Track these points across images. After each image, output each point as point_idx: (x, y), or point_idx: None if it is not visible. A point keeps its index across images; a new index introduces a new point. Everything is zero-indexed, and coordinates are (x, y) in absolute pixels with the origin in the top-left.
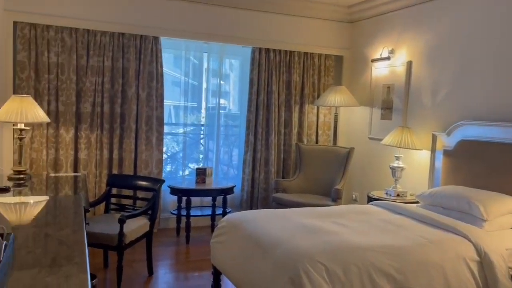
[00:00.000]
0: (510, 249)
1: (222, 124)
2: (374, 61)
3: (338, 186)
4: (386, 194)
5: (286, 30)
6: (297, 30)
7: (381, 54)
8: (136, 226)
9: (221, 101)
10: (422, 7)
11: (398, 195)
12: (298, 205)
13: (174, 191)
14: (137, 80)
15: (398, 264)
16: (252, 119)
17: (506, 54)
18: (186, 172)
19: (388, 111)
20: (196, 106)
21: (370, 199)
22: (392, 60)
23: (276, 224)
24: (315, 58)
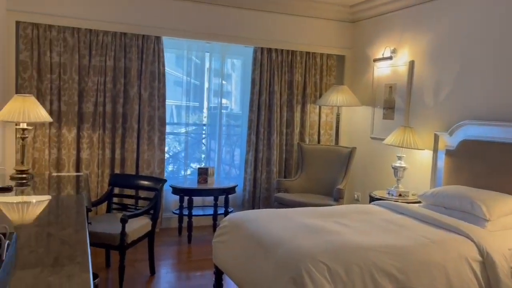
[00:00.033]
0: None
1: (224, 124)
2: (376, 60)
3: (340, 186)
4: (388, 194)
5: (288, 30)
6: (299, 30)
7: (383, 54)
8: (138, 226)
9: (223, 101)
10: (424, 7)
11: (400, 195)
12: (300, 205)
13: (176, 191)
14: (139, 80)
15: (400, 264)
16: (254, 119)
17: (508, 53)
18: (188, 171)
19: (390, 111)
20: (198, 106)
21: (372, 199)
22: (394, 59)
23: (278, 223)
24: (317, 58)
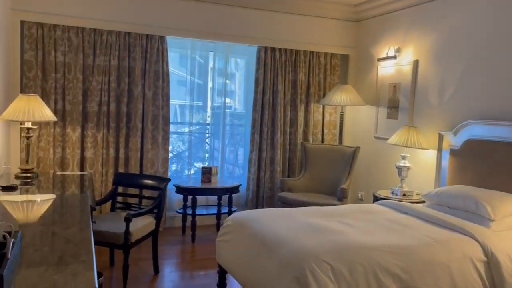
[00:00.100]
0: None
1: (227, 123)
2: (380, 60)
3: (344, 186)
4: (392, 193)
5: (292, 29)
6: (303, 29)
7: (387, 53)
8: (142, 225)
9: (226, 100)
10: (429, 6)
11: (404, 195)
12: (304, 204)
13: (179, 190)
14: (143, 79)
15: (404, 263)
16: (257, 118)
17: None
18: (192, 171)
19: (394, 110)
20: (201, 105)
21: (376, 199)
22: (398, 59)
23: (281, 223)
24: (321, 57)
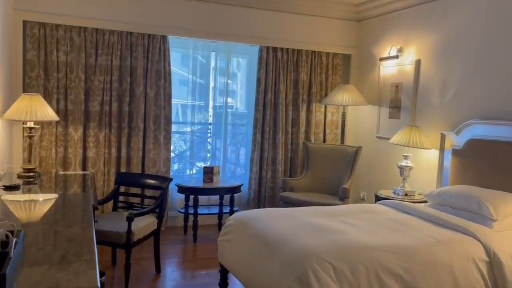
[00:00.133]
0: None
1: (229, 123)
2: (382, 59)
3: (346, 185)
4: (394, 193)
5: (293, 28)
6: (304, 29)
7: (389, 53)
8: (144, 224)
9: (228, 100)
10: (431, 5)
11: (406, 195)
12: (306, 204)
13: (181, 190)
14: (145, 79)
15: (406, 263)
16: (259, 118)
17: None
18: (194, 170)
19: (396, 110)
20: (203, 105)
21: (378, 198)
22: (400, 58)
23: (283, 223)
24: (323, 57)
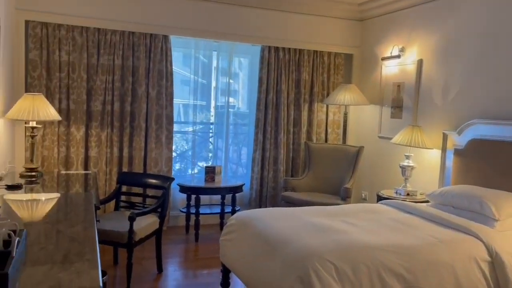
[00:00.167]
0: None
1: (231, 122)
2: (384, 59)
3: (348, 185)
4: (396, 193)
5: (295, 28)
6: (306, 29)
7: (391, 52)
8: (145, 224)
9: (230, 99)
10: (433, 5)
11: (408, 194)
12: (307, 203)
13: (183, 189)
14: (147, 78)
15: (408, 263)
16: (261, 118)
17: None
18: (195, 170)
19: (398, 110)
20: (205, 104)
21: (380, 198)
22: (402, 58)
23: (285, 222)
24: (325, 57)
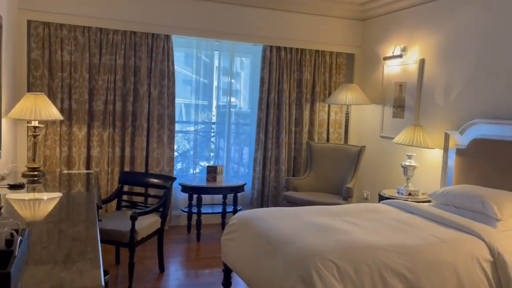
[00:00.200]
0: None
1: (232, 122)
2: (386, 59)
3: (349, 185)
4: (398, 193)
5: (297, 28)
6: (308, 28)
7: (393, 52)
8: (147, 223)
9: (231, 99)
10: (434, 5)
11: (410, 194)
12: (309, 203)
13: (185, 189)
14: (148, 78)
15: (410, 263)
16: (262, 118)
17: None
18: (197, 170)
19: (400, 109)
20: (206, 104)
21: (382, 198)
22: (404, 58)
23: (287, 222)
24: (327, 56)
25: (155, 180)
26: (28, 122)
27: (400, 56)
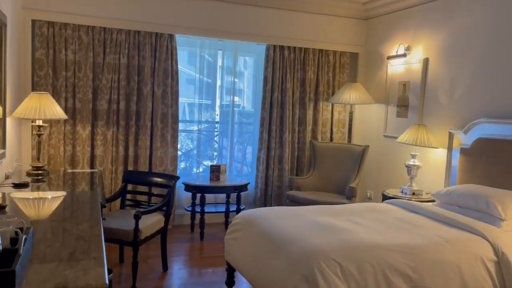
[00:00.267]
0: None
1: (236, 121)
2: (389, 58)
3: (353, 184)
4: (402, 192)
5: (301, 27)
6: (312, 27)
7: (397, 51)
8: (151, 222)
9: (235, 98)
10: (439, 3)
11: (414, 194)
12: (312, 203)
13: (188, 188)
14: (152, 77)
15: (414, 263)
16: (266, 117)
17: None
18: (201, 169)
19: (403, 109)
20: (210, 103)
21: (385, 198)
22: (408, 57)
23: (290, 221)
24: (330, 55)
25: (159, 179)
26: (32, 121)
27: (404, 55)
